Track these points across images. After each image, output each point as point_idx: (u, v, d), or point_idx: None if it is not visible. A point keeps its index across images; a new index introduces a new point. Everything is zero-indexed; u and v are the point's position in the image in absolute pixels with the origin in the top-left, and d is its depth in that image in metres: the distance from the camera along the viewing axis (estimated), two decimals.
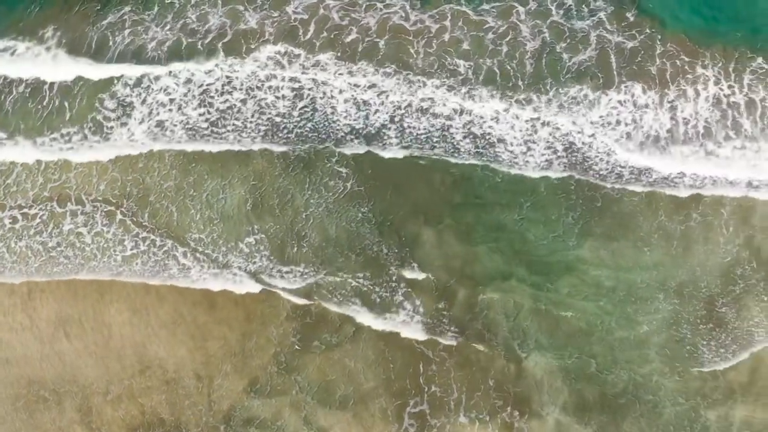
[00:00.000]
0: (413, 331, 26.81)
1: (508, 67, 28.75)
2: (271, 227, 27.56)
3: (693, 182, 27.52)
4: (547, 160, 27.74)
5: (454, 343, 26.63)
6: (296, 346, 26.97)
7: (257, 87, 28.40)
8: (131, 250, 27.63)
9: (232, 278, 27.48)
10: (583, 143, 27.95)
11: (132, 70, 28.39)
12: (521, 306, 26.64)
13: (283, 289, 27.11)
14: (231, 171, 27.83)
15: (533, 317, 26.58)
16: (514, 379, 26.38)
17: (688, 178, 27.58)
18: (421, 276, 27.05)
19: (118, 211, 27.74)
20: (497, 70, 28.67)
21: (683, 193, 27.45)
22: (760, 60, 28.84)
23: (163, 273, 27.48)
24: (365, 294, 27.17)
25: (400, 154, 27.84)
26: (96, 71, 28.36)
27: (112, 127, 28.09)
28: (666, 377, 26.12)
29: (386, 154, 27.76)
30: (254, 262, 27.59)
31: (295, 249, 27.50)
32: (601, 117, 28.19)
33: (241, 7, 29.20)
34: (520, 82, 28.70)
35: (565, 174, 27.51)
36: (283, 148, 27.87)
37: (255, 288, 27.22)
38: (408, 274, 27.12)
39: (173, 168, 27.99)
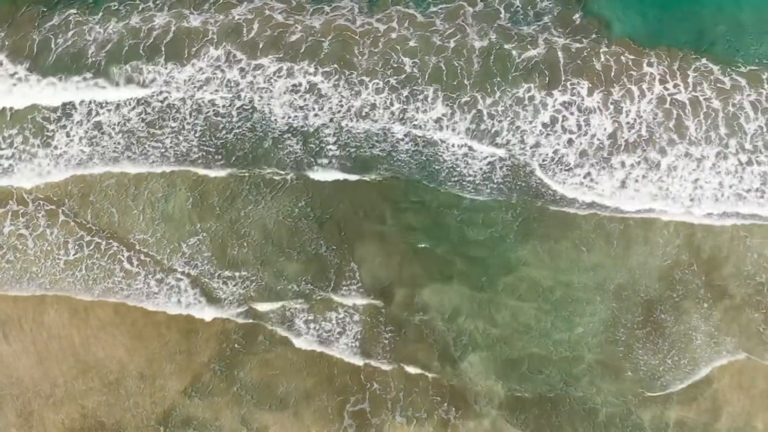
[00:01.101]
0: (351, 335, 26.91)
1: (455, 64, 28.79)
2: (212, 226, 27.52)
3: (634, 194, 27.59)
4: (489, 164, 27.74)
5: (392, 343, 26.71)
6: (237, 345, 27.02)
7: (197, 88, 28.39)
8: (74, 254, 27.63)
9: (177, 288, 27.40)
10: (524, 150, 27.92)
11: (72, 73, 28.40)
12: (459, 306, 26.69)
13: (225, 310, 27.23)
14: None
15: (471, 317, 26.64)
16: (451, 378, 26.42)
17: (629, 190, 27.61)
18: (360, 276, 27.07)
19: (60, 211, 27.72)
20: (444, 67, 28.70)
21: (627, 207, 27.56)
22: (704, 60, 28.91)
23: (108, 280, 27.41)
24: (306, 295, 27.21)
25: (337, 153, 27.97)
26: (35, 76, 28.39)
27: (53, 131, 28.11)
28: (601, 379, 26.17)
29: (323, 161, 27.85)
30: (196, 266, 27.60)
31: (236, 250, 27.51)
32: (544, 123, 28.19)
33: (187, 11, 29.23)
34: (466, 81, 28.72)
35: (506, 177, 27.52)
36: (222, 173, 27.93)
37: (203, 314, 27.27)
38: (347, 275, 27.14)
39: None
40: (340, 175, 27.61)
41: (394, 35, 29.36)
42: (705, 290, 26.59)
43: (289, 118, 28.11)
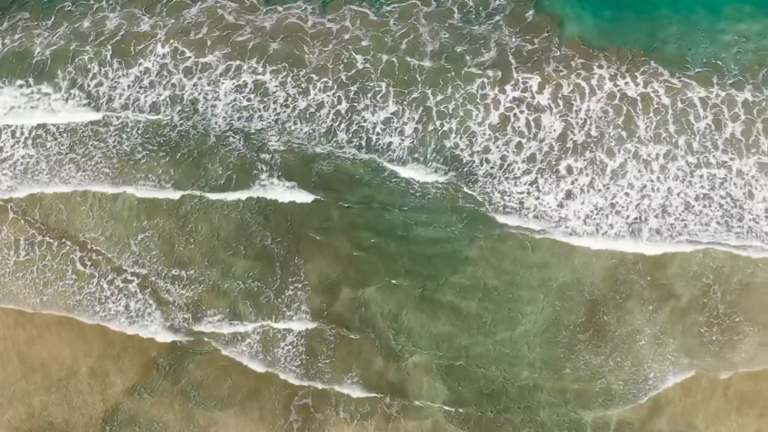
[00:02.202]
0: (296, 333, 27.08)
1: (407, 63, 28.82)
2: (160, 222, 27.58)
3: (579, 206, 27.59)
4: (436, 167, 27.74)
5: (336, 340, 26.80)
6: (183, 342, 27.11)
7: (144, 87, 28.47)
8: (25, 256, 27.74)
9: (126, 290, 27.48)
10: (472, 154, 27.92)
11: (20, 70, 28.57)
12: (403, 304, 26.68)
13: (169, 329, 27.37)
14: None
15: (414, 316, 26.61)
16: (394, 376, 26.43)
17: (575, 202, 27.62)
18: (306, 273, 27.11)
19: (8, 206, 27.81)
20: (396, 63, 28.77)
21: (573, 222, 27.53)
22: (653, 62, 28.88)
23: (60, 282, 27.49)
24: (254, 294, 27.26)
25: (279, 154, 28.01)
26: None
27: None
28: (543, 378, 26.13)
29: (265, 156, 27.94)
30: (144, 265, 27.68)
31: (183, 246, 27.54)
32: (493, 126, 28.20)
33: (138, 11, 29.36)
34: (418, 76, 28.73)
35: (452, 179, 27.53)
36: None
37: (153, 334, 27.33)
38: (293, 271, 27.17)
39: None
40: (282, 183, 27.73)
41: (347, 35, 29.43)
42: (650, 291, 26.54)
43: (233, 118, 28.17)
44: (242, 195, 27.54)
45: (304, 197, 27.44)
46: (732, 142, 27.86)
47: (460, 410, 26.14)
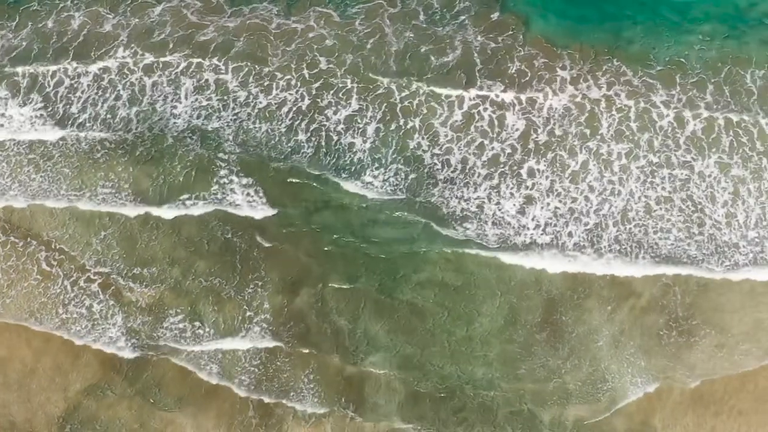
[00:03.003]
0: (258, 331, 27.08)
1: (372, 63, 28.91)
2: (121, 218, 27.73)
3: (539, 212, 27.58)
4: (395, 170, 27.76)
5: (295, 338, 26.84)
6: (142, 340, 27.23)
7: (104, 87, 28.56)
8: None
9: (89, 291, 27.53)
10: (431, 156, 27.96)
11: None
12: (362, 303, 26.69)
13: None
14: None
15: (373, 315, 26.60)
16: (351, 376, 26.45)
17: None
18: (267, 275, 27.17)
19: None
20: (361, 63, 28.85)
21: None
22: (615, 60, 28.88)
23: (24, 282, 27.58)
24: (215, 290, 27.31)
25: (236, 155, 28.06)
26: None
27: None
28: (500, 377, 26.07)
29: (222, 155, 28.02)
30: (106, 264, 27.73)
31: (145, 244, 27.58)
32: (455, 125, 28.23)
33: (103, 10, 29.46)
34: (382, 76, 28.78)
35: (413, 182, 27.59)
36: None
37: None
38: (253, 266, 27.27)
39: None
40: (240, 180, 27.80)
41: (311, 34, 29.50)
42: (608, 290, 26.53)
43: (193, 117, 28.23)
44: (197, 211, 27.62)
45: (262, 207, 27.57)
46: (693, 140, 27.86)
47: (417, 410, 26.12)
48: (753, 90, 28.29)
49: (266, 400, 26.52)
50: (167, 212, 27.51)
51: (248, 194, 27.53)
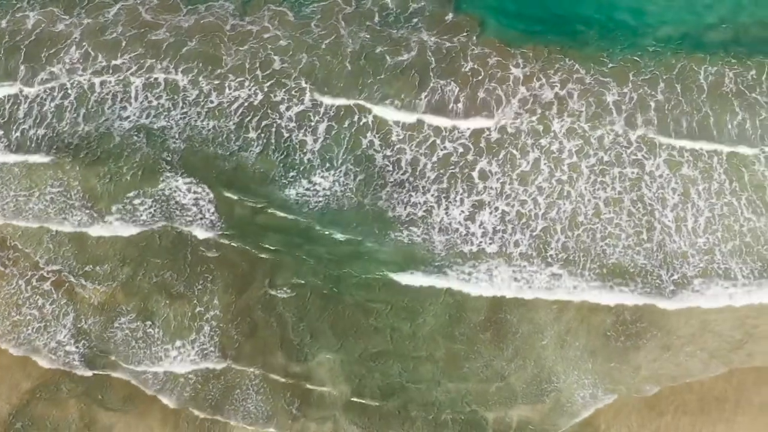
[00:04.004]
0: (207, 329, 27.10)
1: (327, 62, 29.00)
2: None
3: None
4: (344, 171, 27.83)
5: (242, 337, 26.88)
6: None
7: (51, 88, 28.69)
8: None
9: (43, 291, 27.51)
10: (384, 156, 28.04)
11: None
12: (309, 304, 26.64)
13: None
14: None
15: (319, 315, 26.56)
16: (297, 374, 26.40)
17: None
18: (217, 271, 27.21)
19: None
20: (317, 63, 28.93)
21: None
22: (568, 60, 28.91)
23: None
24: (166, 286, 27.35)
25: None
26: None
27: None
28: (444, 377, 25.99)
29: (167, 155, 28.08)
30: (58, 261, 27.78)
31: (95, 241, 27.60)
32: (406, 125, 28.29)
33: (57, 10, 29.60)
34: (335, 80, 28.83)
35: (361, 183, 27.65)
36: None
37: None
38: (203, 266, 27.33)
39: None
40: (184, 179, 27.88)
41: (266, 35, 29.59)
42: None
43: (141, 116, 28.29)
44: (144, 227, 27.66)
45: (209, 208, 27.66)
46: (644, 138, 27.84)
47: (361, 409, 26.05)
48: (704, 87, 28.32)
49: (203, 415, 26.55)
50: (113, 222, 27.65)
51: (194, 194, 27.59)
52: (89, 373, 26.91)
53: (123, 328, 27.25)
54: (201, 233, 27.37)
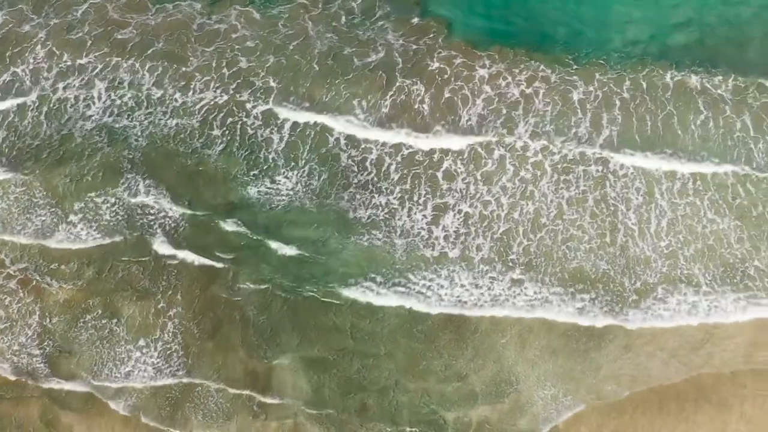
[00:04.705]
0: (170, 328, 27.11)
1: (295, 63, 29.08)
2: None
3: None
4: (308, 172, 27.87)
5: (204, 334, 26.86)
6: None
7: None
8: None
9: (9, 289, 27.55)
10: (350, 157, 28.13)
11: None
12: (271, 301, 26.60)
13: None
14: None
15: (282, 312, 26.51)
16: (259, 373, 26.35)
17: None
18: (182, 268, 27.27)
19: None
20: (284, 62, 29.01)
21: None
22: (533, 61, 28.97)
23: None
24: (132, 280, 27.34)
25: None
26: None
27: None
28: (405, 377, 25.91)
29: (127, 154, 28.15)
30: (24, 259, 27.79)
31: (63, 239, 27.68)
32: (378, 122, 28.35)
33: (26, 8, 29.73)
34: (302, 81, 28.88)
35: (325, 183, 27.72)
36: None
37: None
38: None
39: None
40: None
41: (234, 35, 29.69)
42: None
43: (105, 115, 28.35)
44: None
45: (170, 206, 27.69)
46: (610, 138, 27.84)
47: (321, 407, 25.97)
48: (669, 85, 28.38)
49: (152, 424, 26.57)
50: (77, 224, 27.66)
51: (155, 195, 27.63)
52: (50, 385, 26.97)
53: (88, 326, 27.20)
54: (160, 238, 27.39)
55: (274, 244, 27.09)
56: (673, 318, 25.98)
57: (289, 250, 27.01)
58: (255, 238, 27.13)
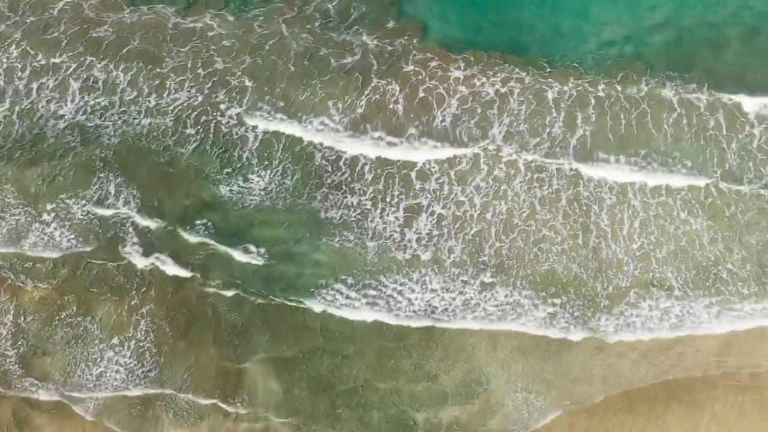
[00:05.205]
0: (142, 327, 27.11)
1: (271, 63, 29.13)
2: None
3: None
4: (281, 171, 27.87)
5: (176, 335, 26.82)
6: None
7: None
8: None
9: None
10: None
11: None
12: (244, 302, 26.59)
13: None
14: None
15: (255, 313, 26.49)
16: (229, 374, 26.29)
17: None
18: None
19: None
20: (261, 62, 29.11)
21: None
22: (508, 64, 29.00)
23: None
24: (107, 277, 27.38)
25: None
26: None
27: None
28: (375, 378, 25.83)
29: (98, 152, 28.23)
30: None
31: (35, 237, 27.68)
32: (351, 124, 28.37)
33: (2, 4, 30.03)
34: (279, 82, 28.98)
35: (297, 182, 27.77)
36: None
37: None
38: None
39: None
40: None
41: (210, 33, 29.80)
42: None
43: (78, 115, 28.43)
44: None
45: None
46: (583, 139, 27.83)
47: (292, 409, 25.84)
48: (643, 89, 28.37)
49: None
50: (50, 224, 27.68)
51: (125, 195, 27.67)
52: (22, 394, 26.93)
53: (63, 323, 27.13)
54: (131, 243, 27.44)
55: (238, 253, 27.00)
56: (645, 325, 25.78)
57: (256, 260, 26.92)
58: (221, 247, 27.10)
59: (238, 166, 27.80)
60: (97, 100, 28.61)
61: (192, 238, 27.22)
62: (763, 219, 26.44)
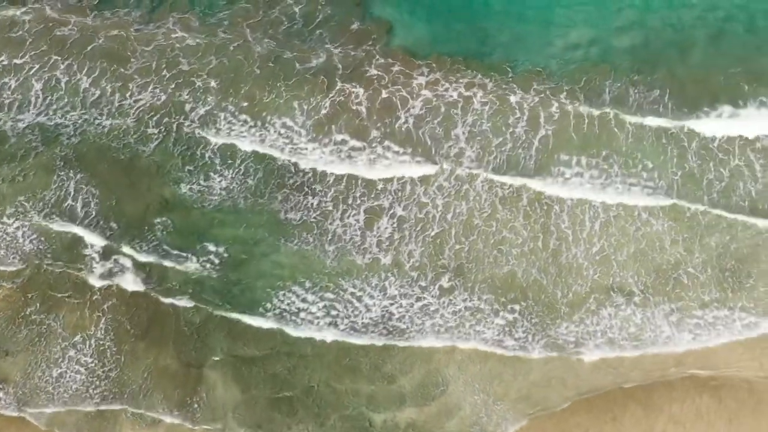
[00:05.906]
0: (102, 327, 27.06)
1: (236, 64, 29.25)
2: None
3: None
4: (244, 170, 27.95)
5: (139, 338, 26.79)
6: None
7: None
8: None
9: None
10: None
11: None
12: (200, 300, 26.59)
13: None
14: None
15: (214, 320, 26.51)
16: (188, 379, 26.19)
17: None
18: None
19: None
20: (227, 62, 29.19)
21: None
22: (471, 70, 29.07)
23: None
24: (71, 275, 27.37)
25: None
26: None
27: None
28: (334, 380, 25.81)
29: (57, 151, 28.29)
30: None
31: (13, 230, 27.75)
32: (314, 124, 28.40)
33: None
34: (243, 84, 29.04)
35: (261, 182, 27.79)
36: None
37: None
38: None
39: None
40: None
41: (174, 35, 29.90)
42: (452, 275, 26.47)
43: (40, 115, 28.53)
44: None
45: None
46: (546, 141, 27.79)
47: (250, 413, 25.71)
48: (606, 92, 28.39)
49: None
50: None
51: (84, 194, 27.67)
52: None
53: (27, 321, 27.01)
54: (91, 238, 27.45)
55: (192, 262, 27.05)
56: (606, 334, 25.62)
57: (212, 266, 26.90)
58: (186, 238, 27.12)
59: (201, 164, 27.83)
60: (60, 104, 28.63)
61: (143, 258, 27.24)
62: (722, 220, 26.34)
